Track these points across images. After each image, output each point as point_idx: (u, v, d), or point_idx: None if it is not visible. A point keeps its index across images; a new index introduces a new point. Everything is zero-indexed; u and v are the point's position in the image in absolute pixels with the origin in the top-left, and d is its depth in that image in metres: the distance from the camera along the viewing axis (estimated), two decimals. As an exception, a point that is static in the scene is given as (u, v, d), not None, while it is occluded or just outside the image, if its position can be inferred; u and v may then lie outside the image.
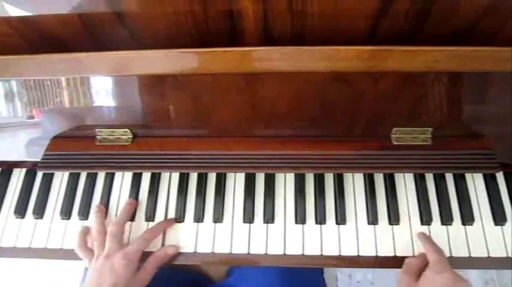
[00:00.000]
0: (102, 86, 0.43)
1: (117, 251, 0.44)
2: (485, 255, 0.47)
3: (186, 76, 0.39)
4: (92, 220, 0.50)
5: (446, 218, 0.49)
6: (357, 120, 0.43)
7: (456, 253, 0.47)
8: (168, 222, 0.50)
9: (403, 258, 0.47)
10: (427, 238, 0.46)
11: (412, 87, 0.39)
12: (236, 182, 0.52)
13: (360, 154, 0.44)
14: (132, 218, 0.51)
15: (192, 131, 0.47)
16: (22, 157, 0.52)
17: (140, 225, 0.50)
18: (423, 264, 0.44)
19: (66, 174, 0.54)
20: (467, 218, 0.49)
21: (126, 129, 0.47)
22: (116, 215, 0.52)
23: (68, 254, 0.51)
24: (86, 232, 0.50)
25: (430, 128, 0.43)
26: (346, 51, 0.33)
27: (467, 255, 0.47)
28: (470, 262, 0.47)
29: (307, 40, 0.36)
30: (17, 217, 0.53)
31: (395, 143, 0.44)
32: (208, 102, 0.42)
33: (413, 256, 0.45)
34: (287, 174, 0.51)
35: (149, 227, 0.50)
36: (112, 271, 0.43)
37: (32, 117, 0.49)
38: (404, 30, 0.36)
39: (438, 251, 0.44)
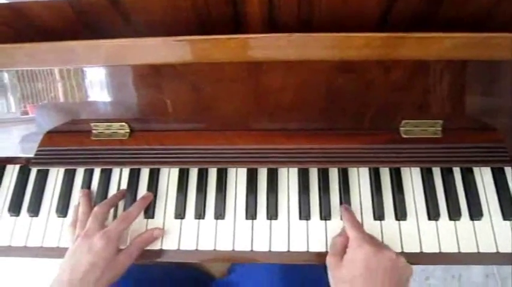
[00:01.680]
0: (96, 77, 0.41)
1: (96, 232, 0.43)
2: (494, 250, 0.46)
3: (185, 66, 0.36)
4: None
5: (454, 214, 0.47)
6: (365, 112, 0.41)
7: (464, 249, 0.46)
8: (144, 199, 0.48)
9: (410, 254, 0.46)
10: (346, 215, 0.45)
11: (424, 76, 0.37)
12: (238, 177, 0.51)
13: (367, 147, 0.42)
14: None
15: (192, 125, 0.45)
16: (15, 152, 0.50)
17: (139, 223, 0.49)
18: (347, 241, 0.43)
19: (62, 170, 0.52)
20: (476, 213, 0.47)
21: (123, 123, 0.45)
22: (114, 213, 0.50)
23: (64, 253, 0.49)
24: (77, 211, 0.48)
25: (440, 121, 0.41)
26: (357, 38, 0.31)
27: (475, 251, 0.46)
28: (479, 258, 0.46)
29: (314, 27, 0.33)
30: (11, 215, 0.51)
31: (404, 136, 0.42)
32: (209, 94, 0.40)
33: (338, 235, 0.45)
34: (290, 169, 0.50)
35: (148, 225, 0.49)
36: (90, 250, 0.41)
37: (24, 112, 0.47)
38: (417, 16, 0.34)
39: (356, 226, 0.43)
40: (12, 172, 0.54)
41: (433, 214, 0.47)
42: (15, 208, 0.51)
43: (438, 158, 0.42)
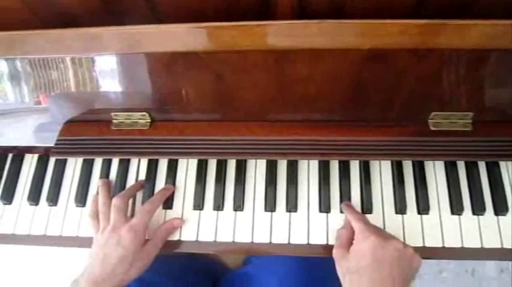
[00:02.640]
0: (118, 65, 0.40)
1: (123, 224, 0.43)
2: (519, 246, 0.45)
3: (209, 54, 0.35)
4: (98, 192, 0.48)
5: (478, 208, 0.46)
6: (393, 103, 0.39)
7: (488, 244, 0.45)
8: (165, 190, 0.49)
9: (432, 249, 0.45)
10: (348, 210, 0.45)
11: (456, 66, 0.35)
12: (257, 169, 0.50)
13: (393, 140, 0.41)
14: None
15: (215, 115, 0.44)
16: (34, 142, 0.50)
17: (158, 214, 0.49)
18: (352, 234, 0.43)
19: (80, 160, 0.52)
20: (501, 208, 0.46)
21: (144, 113, 0.45)
22: (133, 204, 0.50)
23: (83, 242, 0.49)
24: (97, 201, 0.48)
25: (470, 113, 0.40)
26: (392, 25, 0.29)
27: (499, 246, 0.45)
28: (503, 253, 0.45)
29: (346, 14, 0.32)
30: (31, 204, 0.52)
31: (433, 128, 0.41)
32: (233, 84, 0.39)
33: (343, 228, 0.44)
34: (310, 161, 0.49)
35: (166, 216, 0.49)
36: (119, 243, 0.42)
37: (39, 101, 0.47)
38: (453, 4, 0.32)
39: (361, 219, 0.43)
40: (31, 161, 0.54)
41: (456, 208, 0.46)
42: (34, 197, 0.52)
43: (468, 152, 0.41)
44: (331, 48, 0.33)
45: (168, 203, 0.49)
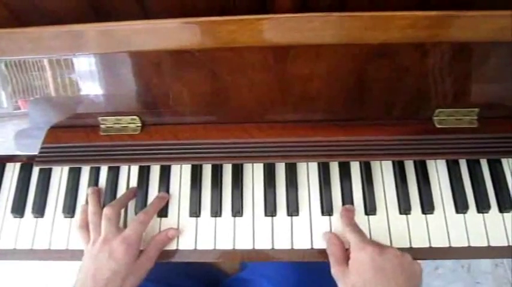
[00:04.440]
0: (105, 65, 0.37)
1: (115, 236, 0.41)
2: (525, 243, 0.44)
3: (205, 52, 0.33)
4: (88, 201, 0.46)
5: (482, 206, 0.46)
6: (397, 101, 0.38)
7: (494, 243, 0.44)
8: (160, 199, 0.46)
9: (438, 249, 0.44)
10: (346, 218, 0.44)
11: (465, 61, 0.34)
12: (254, 172, 0.48)
13: (396, 139, 0.40)
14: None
15: (210, 117, 0.41)
16: (14, 150, 0.46)
17: (153, 222, 0.46)
18: (345, 248, 0.42)
19: (66, 168, 0.49)
20: (505, 205, 0.45)
21: (134, 117, 0.42)
22: (125, 213, 0.47)
23: (74, 255, 0.46)
24: (86, 211, 0.46)
25: (476, 109, 0.39)
26: (402, 18, 0.28)
27: (506, 244, 0.44)
28: (510, 251, 0.44)
29: (349, 6, 0.30)
30: (15, 217, 0.48)
31: (438, 126, 0.39)
32: (230, 83, 0.37)
33: (332, 245, 0.43)
34: (309, 162, 0.47)
35: (162, 224, 0.46)
36: (111, 256, 0.39)
37: (18, 107, 0.43)
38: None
39: (356, 230, 0.42)
40: (13, 171, 0.50)
41: (461, 206, 0.45)
42: (18, 209, 0.48)
43: (473, 149, 0.40)
44: (336, 44, 0.31)
45: (163, 211, 0.47)
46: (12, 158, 0.50)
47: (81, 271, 0.40)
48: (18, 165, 0.50)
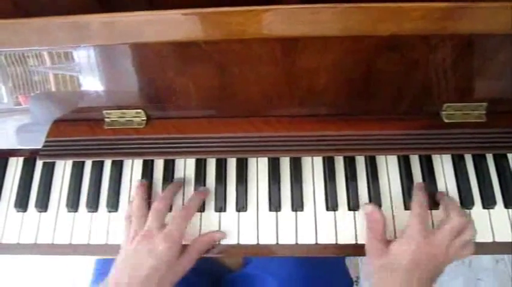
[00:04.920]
0: (109, 58, 0.36)
1: (158, 232, 0.39)
2: (530, 239, 0.44)
3: (211, 44, 0.32)
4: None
5: (488, 201, 0.45)
6: (406, 94, 0.37)
7: (500, 238, 0.44)
8: (200, 194, 0.45)
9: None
10: (417, 198, 0.43)
11: (474, 54, 0.34)
12: (259, 167, 0.48)
13: (405, 133, 0.39)
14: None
15: (216, 111, 0.41)
16: (17, 144, 0.46)
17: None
18: (386, 224, 0.42)
19: (69, 162, 0.49)
20: (511, 201, 0.45)
21: (139, 110, 0.41)
22: (127, 207, 0.47)
23: (77, 250, 0.46)
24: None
25: (484, 103, 0.38)
26: (414, 9, 0.27)
27: (511, 240, 0.44)
28: (515, 247, 0.44)
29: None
30: (18, 211, 0.48)
31: (446, 120, 0.39)
32: (236, 76, 0.36)
33: (374, 222, 0.42)
34: (314, 157, 0.47)
35: (166, 218, 0.46)
36: (152, 252, 0.38)
37: (23, 101, 0.43)
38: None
39: (420, 217, 0.40)
40: (16, 165, 0.50)
41: (466, 202, 0.45)
42: (21, 203, 0.48)
43: (480, 144, 0.40)
44: (344, 36, 0.31)
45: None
46: (14, 153, 0.49)
47: (116, 265, 0.39)
48: (21, 159, 0.50)
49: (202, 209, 0.46)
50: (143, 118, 0.43)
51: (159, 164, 0.48)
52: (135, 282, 0.37)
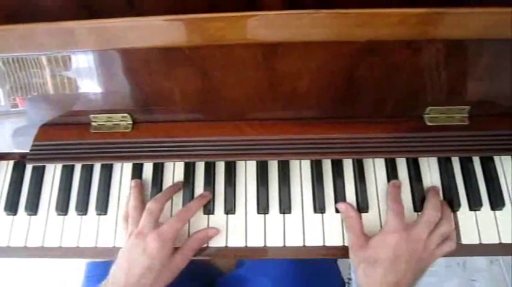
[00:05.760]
0: (94, 62, 0.37)
1: (150, 231, 0.40)
2: (517, 241, 0.44)
3: (194, 49, 0.33)
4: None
5: (474, 204, 0.46)
6: (388, 98, 0.38)
7: (486, 240, 0.44)
8: (202, 197, 0.45)
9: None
10: (392, 195, 0.44)
11: (456, 58, 0.34)
12: (247, 170, 0.48)
13: (387, 136, 0.40)
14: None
15: (201, 115, 0.41)
16: (7, 148, 0.46)
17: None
18: (361, 218, 0.43)
19: (59, 166, 0.49)
20: (497, 203, 0.46)
21: (125, 114, 0.42)
22: (117, 211, 0.47)
23: (67, 253, 0.47)
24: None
25: (467, 107, 0.39)
26: (391, 15, 0.27)
27: (497, 242, 0.44)
28: (501, 249, 0.44)
29: (338, 2, 0.30)
30: (8, 214, 0.48)
31: (429, 123, 0.39)
32: (220, 81, 0.37)
33: (350, 218, 0.43)
34: (302, 160, 0.47)
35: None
36: (145, 252, 0.38)
37: (16, 104, 0.43)
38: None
39: (397, 212, 0.41)
40: (6, 169, 0.50)
41: (453, 204, 0.46)
42: (11, 206, 0.48)
43: (464, 147, 0.40)
44: (325, 41, 0.31)
45: (155, 209, 0.47)
46: (5, 156, 0.50)
47: (115, 263, 0.40)
48: (11, 163, 0.50)
49: (190, 212, 0.47)
50: (129, 122, 0.43)
51: (148, 168, 0.49)
52: (130, 281, 0.37)
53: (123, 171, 0.49)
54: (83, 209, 0.47)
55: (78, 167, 0.49)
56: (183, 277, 0.59)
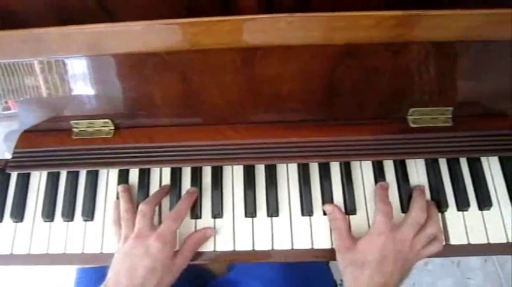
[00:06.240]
0: (73, 69, 0.36)
1: (149, 232, 0.39)
2: (504, 241, 0.44)
3: (173, 54, 0.32)
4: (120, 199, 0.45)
5: (462, 204, 0.45)
6: (370, 101, 0.38)
7: (474, 240, 0.44)
8: (190, 195, 0.45)
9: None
10: (380, 195, 0.44)
11: (434, 60, 0.34)
12: (234, 174, 0.47)
13: (372, 139, 0.39)
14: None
15: (183, 120, 0.41)
16: (4, 152, 0.46)
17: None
18: (347, 220, 0.43)
19: (44, 172, 0.48)
20: (484, 203, 0.45)
21: (107, 120, 0.41)
22: (104, 216, 0.47)
23: (55, 260, 0.46)
24: (118, 207, 0.45)
25: (450, 108, 0.38)
26: (366, 18, 0.27)
27: (485, 241, 0.44)
28: (489, 248, 0.44)
29: (313, 8, 0.29)
30: (-7, 222, 0.48)
31: (413, 125, 0.39)
32: (200, 85, 0.36)
33: (336, 220, 0.43)
34: (289, 163, 0.47)
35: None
36: (146, 254, 0.38)
37: (13, 107, 0.42)
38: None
39: (384, 213, 0.41)
40: (-10, 176, 0.50)
41: (441, 205, 0.45)
42: (-3, 213, 0.48)
43: (449, 148, 0.40)
44: (303, 45, 0.31)
45: (142, 214, 0.46)
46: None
47: (112, 268, 0.39)
48: (-4, 169, 0.50)
49: (177, 216, 0.46)
50: (111, 128, 0.43)
51: (134, 173, 0.48)
52: (135, 283, 0.37)
53: (109, 176, 0.48)
54: (69, 215, 0.47)
55: (63, 173, 0.48)
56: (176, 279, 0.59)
